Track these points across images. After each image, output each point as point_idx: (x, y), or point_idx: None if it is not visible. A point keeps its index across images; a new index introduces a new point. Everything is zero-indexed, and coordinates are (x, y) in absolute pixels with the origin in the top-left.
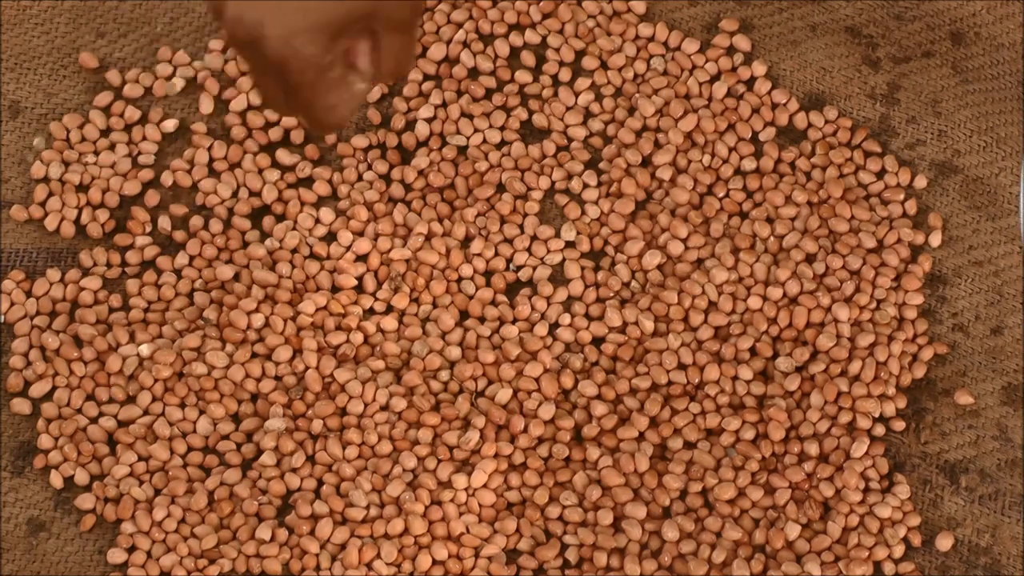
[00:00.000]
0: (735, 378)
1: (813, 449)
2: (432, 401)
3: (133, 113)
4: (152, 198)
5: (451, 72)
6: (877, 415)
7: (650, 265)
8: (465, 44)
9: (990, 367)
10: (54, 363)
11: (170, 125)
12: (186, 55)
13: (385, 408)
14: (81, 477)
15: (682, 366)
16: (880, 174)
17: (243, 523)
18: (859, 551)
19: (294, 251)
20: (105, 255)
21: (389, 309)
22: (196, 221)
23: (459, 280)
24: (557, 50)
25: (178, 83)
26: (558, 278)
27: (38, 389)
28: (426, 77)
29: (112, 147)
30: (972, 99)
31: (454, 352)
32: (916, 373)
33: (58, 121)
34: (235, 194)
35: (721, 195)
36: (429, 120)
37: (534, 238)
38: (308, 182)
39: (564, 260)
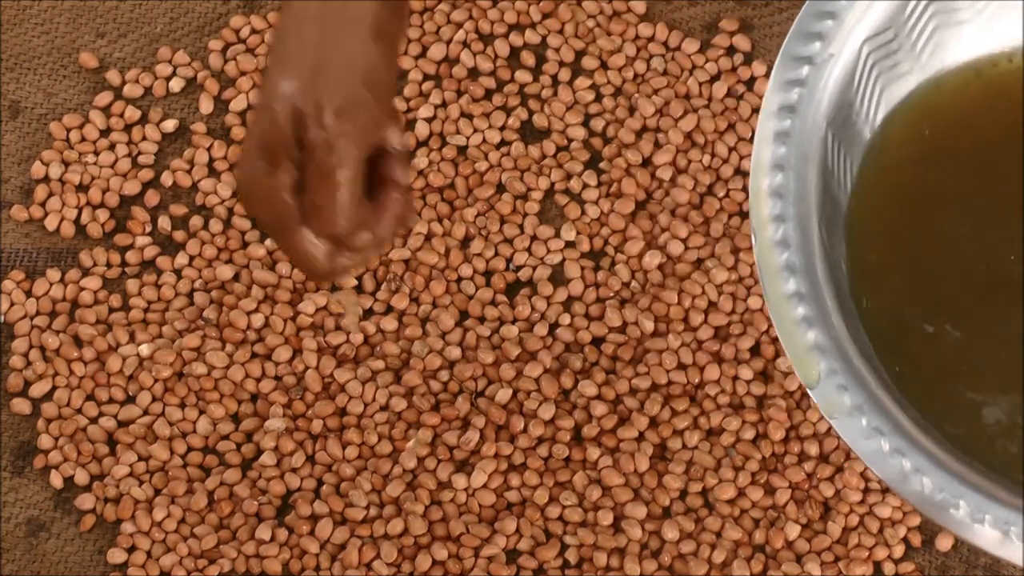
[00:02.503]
0: (735, 378)
1: (813, 449)
2: (432, 401)
3: (133, 113)
4: (152, 198)
5: (451, 72)
6: None
7: (650, 265)
8: (465, 44)
9: None
10: (54, 363)
11: (170, 125)
12: (186, 55)
13: (385, 408)
14: (81, 477)
15: (682, 366)
16: None
17: (243, 523)
18: (859, 551)
19: None
20: (105, 255)
21: (389, 309)
22: (196, 221)
23: (459, 280)
24: (557, 50)
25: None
26: (558, 278)
27: (38, 389)
28: (426, 77)
29: (112, 147)
30: None
31: (454, 352)
32: None
33: (58, 121)
34: (235, 194)
35: (721, 195)
36: (429, 120)
37: (534, 238)
38: None
39: (564, 260)
